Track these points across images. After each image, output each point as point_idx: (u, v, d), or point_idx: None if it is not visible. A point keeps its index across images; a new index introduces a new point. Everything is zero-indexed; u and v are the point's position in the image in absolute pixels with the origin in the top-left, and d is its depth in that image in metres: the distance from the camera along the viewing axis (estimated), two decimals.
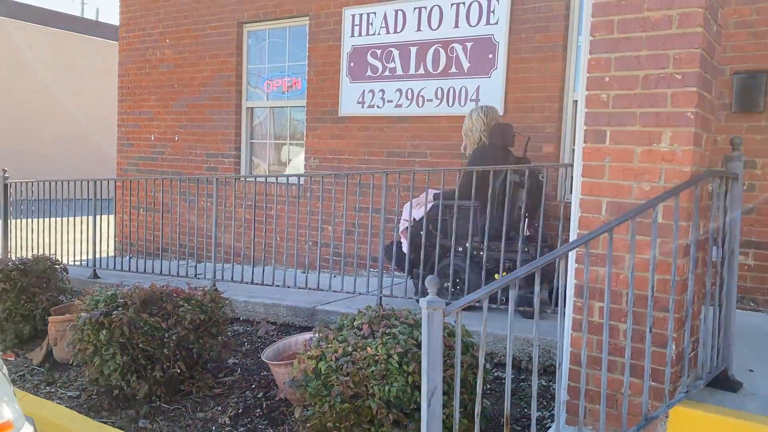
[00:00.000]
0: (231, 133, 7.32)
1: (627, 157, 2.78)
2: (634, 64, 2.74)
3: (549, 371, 3.88)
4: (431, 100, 5.89)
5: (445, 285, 4.46)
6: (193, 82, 7.61)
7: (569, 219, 3.08)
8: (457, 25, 5.72)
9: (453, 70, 5.75)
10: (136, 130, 8.25)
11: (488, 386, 3.81)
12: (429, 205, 4.68)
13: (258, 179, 6.49)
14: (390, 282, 5.01)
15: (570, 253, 2.90)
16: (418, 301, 4.00)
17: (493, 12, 5.53)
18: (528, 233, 4.48)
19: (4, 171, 6.98)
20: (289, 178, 5.53)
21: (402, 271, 4.95)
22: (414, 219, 4.74)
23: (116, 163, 8.55)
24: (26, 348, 4.98)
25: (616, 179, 2.81)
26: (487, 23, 5.57)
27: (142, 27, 8.10)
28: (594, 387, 2.84)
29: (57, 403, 3.95)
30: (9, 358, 4.80)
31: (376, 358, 2.86)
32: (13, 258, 6.41)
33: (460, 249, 4.53)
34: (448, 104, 5.80)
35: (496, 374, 4.00)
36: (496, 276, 4.33)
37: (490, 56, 5.55)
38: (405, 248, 4.78)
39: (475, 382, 2.86)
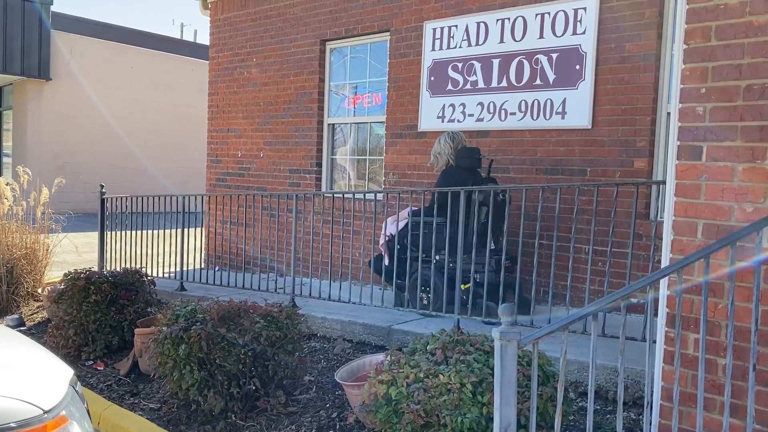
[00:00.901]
0: (313, 149, 7.40)
1: (726, 176, 2.53)
2: (735, 73, 2.50)
3: (638, 404, 3.60)
4: (514, 114, 5.71)
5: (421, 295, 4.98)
6: (278, 99, 7.77)
7: (662, 239, 2.85)
8: (542, 36, 5.52)
9: (537, 82, 5.55)
10: (224, 147, 8.51)
11: (572, 417, 3.58)
12: (402, 222, 5.16)
13: (337, 195, 6.50)
14: (469, 302, 4.85)
15: (662, 280, 2.67)
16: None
17: (579, 21, 5.30)
18: (493, 247, 4.80)
19: (102, 186, 7.35)
20: (367, 194, 5.49)
21: (386, 282, 5.37)
22: (391, 234, 5.19)
23: (206, 178, 8.85)
24: (114, 358, 5.17)
25: (714, 200, 2.56)
26: (574, 33, 5.34)
27: (230, 47, 8.36)
28: (688, 426, 2.59)
29: (139, 414, 4.05)
30: (98, 368, 5.00)
31: (449, 386, 2.73)
32: (108, 270, 6.74)
33: (435, 261, 5.03)
34: (532, 117, 5.60)
35: (580, 404, 3.76)
36: (463, 287, 4.75)
37: (577, 67, 5.32)
38: (386, 261, 5.28)
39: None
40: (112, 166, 16.56)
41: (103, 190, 7.28)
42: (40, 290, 6.79)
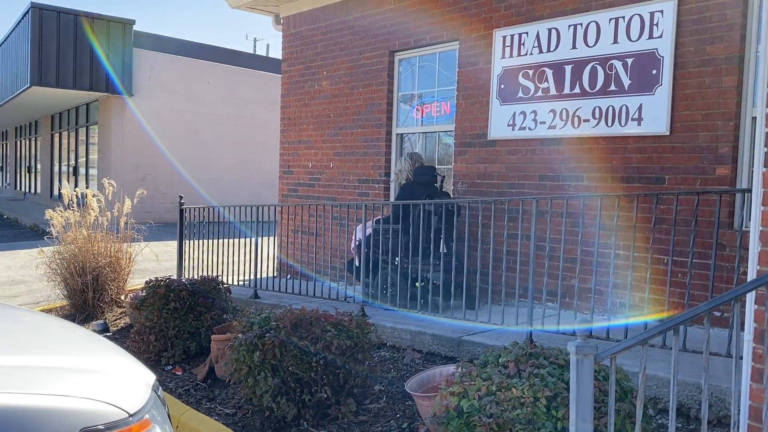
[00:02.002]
0: (381, 159, 7.46)
1: None
2: None
3: (723, 422, 3.42)
4: (588, 120, 5.57)
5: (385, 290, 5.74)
6: (347, 111, 7.88)
7: (748, 250, 2.70)
8: (616, 41, 5.38)
9: (612, 87, 5.41)
10: (295, 158, 8.69)
11: None
12: (369, 230, 5.86)
13: (405, 204, 6.52)
14: (541, 314, 4.76)
15: (748, 294, 2.53)
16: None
17: (656, 25, 5.13)
18: (444, 251, 5.48)
19: (181, 197, 7.65)
20: (435, 203, 5.48)
21: (356, 280, 6.12)
22: (360, 240, 5.94)
23: (278, 188, 9.06)
24: (192, 363, 5.35)
25: None
26: (650, 37, 5.18)
27: (302, 61, 8.55)
28: None
29: (215, 419, 4.17)
30: (177, 373, 5.19)
31: (522, 400, 2.68)
32: (186, 277, 6.99)
33: (395, 262, 5.69)
34: (606, 124, 5.45)
35: (660, 421, 3.62)
36: (417, 284, 5.42)
37: (654, 72, 5.15)
38: (356, 262, 6.09)
39: None
40: (189, 177, 17.22)
41: (182, 201, 7.57)
42: (123, 297, 7.11)
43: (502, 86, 6.18)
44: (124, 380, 2.33)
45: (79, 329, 3.17)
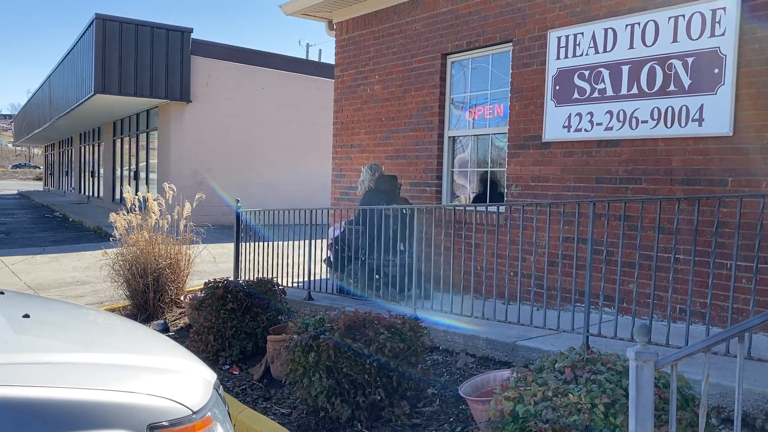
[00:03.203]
0: (433, 162, 7.46)
1: None
2: None
3: None
4: (646, 122, 5.44)
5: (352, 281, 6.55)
6: (399, 114, 7.91)
7: None
8: (675, 40, 5.24)
9: (672, 88, 5.27)
10: (347, 161, 8.78)
11: None
12: (338, 231, 6.86)
13: (458, 208, 6.50)
14: (598, 319, 4.67)
15: None
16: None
17: (718, 23, 4.98)
18: (401, 248, 6.12)
19: (237, 201, 7.83)
20: (489, 206, 5.45)
21: (333, 272, 6.90)
22: (333, 238, 6.91)
23: (330, 192, 9.17)
24: (248, 363, 5.47)
25: None
26: (712, 35, 5.02)
27: (354, 65, 8.64)
28: None
29: (271, 418, 4.25)
30: (234, 372, 5.31)
31: (580, 406, 2.64)
32: (243, 279, 7.14)
33: (362, 258, 6.41)
34: (665, 125, 5.32)
35: (722, 431, 3.50)
36: (376, 276, 6.22)
37: (716, 71, 4.99)
38: (331, 258, 6.99)
39: None
40: (243, 181, 17.59)
41: (238, 204, 7.75)
42: (182, 297, 7.32)
43: (557, 87, 6.10)
44: (187, 378, 2.41)
45: (142, 328, 3.29)
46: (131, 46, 16.30)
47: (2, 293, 3.13)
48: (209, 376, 2.58)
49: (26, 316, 2.65)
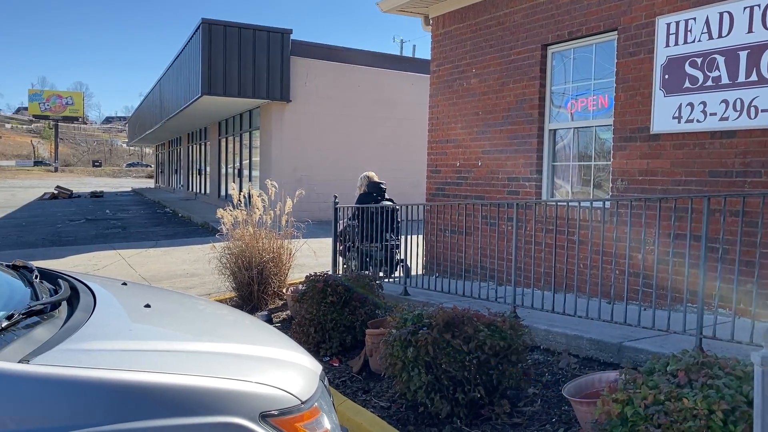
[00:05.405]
0: (532, 156, 7.28)
1: None
2: None
3: None
4: (766, 111, 5.06)
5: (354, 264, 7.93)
6: (497, 108, 7.79)
7: None
8: None
9: None
10: (443, 157, 8.75)
11: None
12: (341, 224, 8.15)
13: (559, 203, 6.31)
14: (712, 320, 4.40)
15: None
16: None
17: None
18: (389, 238, 7.47)
19: (335, 197, 7.99)
20: (594, 202, 5.25)
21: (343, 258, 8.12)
22: (339, 230, 8.07)
23: (426, 188, 9.17)
24: (348, 355, 5.57)
25: None
26: None
27: (450, 60, 8.58)
28: None
29: (371, 411, 4.31)
30: (334, 364, 5.43)
31: (695, 412, 2.50)
32: (342, 273, 7.28)
33: (359, 246, 7.77)
34: None
35: None
36: (366, 259, 7.74)
37: None
38: (339, 247, 8.07)
39: None
40: (341, 177, 17.92)
41: (336, 200, 7.90)
42: (284, 290, 7.56)
43: (667, 76, 5.79)
44: (295, 369, 2.48)
45: (250, 318, 3.42)
46: (235, 49, 16.98)
47: (125, 284, 3.35)
48: (315, 367, 2.64)
49: (147, 306, 2.82)
